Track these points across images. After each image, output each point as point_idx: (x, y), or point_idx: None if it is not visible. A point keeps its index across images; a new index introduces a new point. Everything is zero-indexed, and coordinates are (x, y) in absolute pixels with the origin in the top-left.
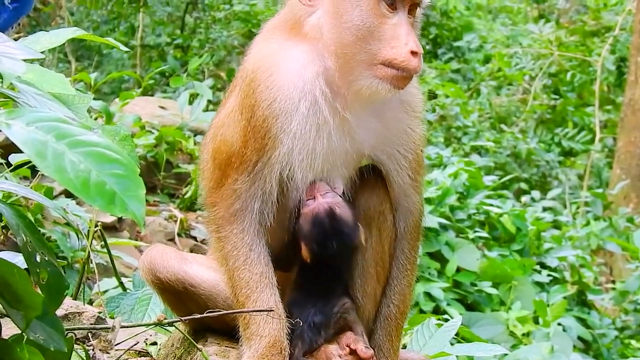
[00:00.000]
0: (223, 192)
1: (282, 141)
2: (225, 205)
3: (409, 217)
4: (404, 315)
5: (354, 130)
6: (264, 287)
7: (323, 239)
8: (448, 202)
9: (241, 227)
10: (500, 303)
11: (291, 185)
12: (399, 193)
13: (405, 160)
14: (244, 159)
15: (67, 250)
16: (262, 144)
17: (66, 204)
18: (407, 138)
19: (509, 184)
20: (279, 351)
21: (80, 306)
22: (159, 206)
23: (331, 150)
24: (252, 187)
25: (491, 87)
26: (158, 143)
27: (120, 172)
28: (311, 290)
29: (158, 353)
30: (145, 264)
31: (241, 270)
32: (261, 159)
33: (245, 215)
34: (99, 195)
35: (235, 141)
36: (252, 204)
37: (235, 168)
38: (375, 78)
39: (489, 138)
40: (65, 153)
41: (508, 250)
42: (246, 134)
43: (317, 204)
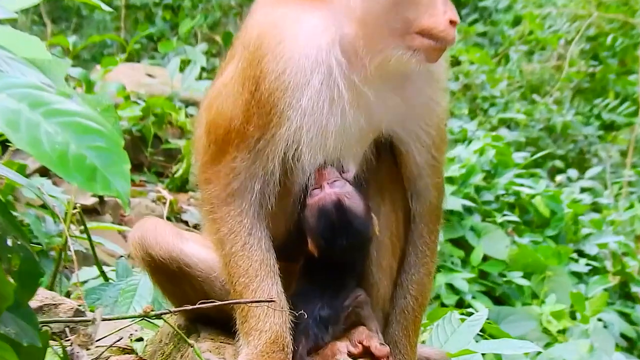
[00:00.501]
0: (220, 169)
1: (290, 118)
2: (222, 184)
3: (428, 198)
4: (422, 307)
5: (372, 105)
6: (264, 276)
7: (331, 234)
8: (473, 182)
9: (239, 208)
10: (533, 296)
11: (297, 166)
12: (418, 173)
13: (427, 136)
14: (245, 135)
15: (42, 236)
16: (266, 121)
17: (41, 183)
18: (429, 112)
19: (542, 162)
20: (280, 348)
21: (56, 297)
22: (146, 186)
23: (344, 128)
24: (252, 166)
25: (522, 52)
26: (145, 115)
27: (102, 144)
28: (319, 282)
29: (144, 350)
30: (136, 238)
31: (239, 257)
32: (264, 136)
33: (244, 196)
34: (78, 170)
35: (235, 116)
36: (252, 184)
37: (234, 145)
38: (409, 49)
39: (520, 110)
40: (41, 123)
41: (541, 236)
42: (249, 109)
43: (324, 195)
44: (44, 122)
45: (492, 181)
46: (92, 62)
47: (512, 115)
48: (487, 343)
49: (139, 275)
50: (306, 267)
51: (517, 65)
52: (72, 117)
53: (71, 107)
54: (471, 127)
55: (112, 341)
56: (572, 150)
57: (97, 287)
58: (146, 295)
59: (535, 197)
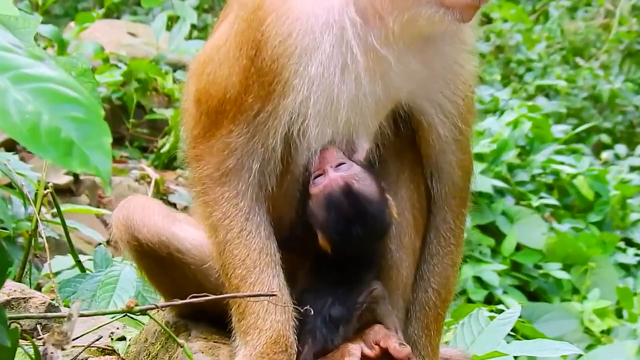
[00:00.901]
0: (213, 144)
1: (296, 87)
2: (215, 162)
3: (451, 178)
4: (445, 303)
5: (390, 72)
6: (264, 267)
7: (344, 225)
8: (505, 159)
9: (235, 190)
10: (573, 291)
11: (302, 143)
12: (440, 148)
13: (452, 106)
14: (242, 107)
15: (9, 220)
16: (268, 90)
17: (7, 159)
18: (454, 78)
19: (586, 136)
20: (283, 349)
21: (26, 290)
22: (128, 163)
23: (358, 98)
24: (250, 142)
25: (564, 8)
26: (126, 81)
27: (79, 115)
28: (330, 276)
29: (127, 350)
30: (120, 219)
31: (235, 245)
32: (265, 108)
33: (241, 176)
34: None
35: (231, 85)
36: (249, 162)
37: (230, 117)
38: (441, 6)
39: (560, 75)
40: (9, 90)
41: (584, 223)
42: (247, 77)
43: (329, 181)
44: (12, 88)
45: (527, 158)
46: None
47: (552, 82)
48: (519, 344)
49: (120, 265)
50: (316, 260)
51: (558, 24)
52: (45, 83)
53: (43, 71)
54: (504, 96)
55: (91, 340)
56: (620, 123)
57: (73, 279)
58: (129, 288)
59: (577, 177)
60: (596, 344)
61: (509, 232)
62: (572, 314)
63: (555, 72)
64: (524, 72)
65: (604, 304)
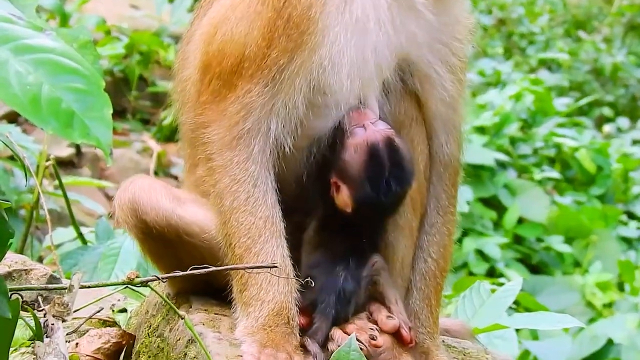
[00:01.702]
0: (227, 107)
1: (332, 36)
2: (227, 125)
3: (454, 138)
4: (444, 273)
5: (411, 21)
6: (269, 236)
7: (380, 178)
8: (508, 133)
9: (245, 154)
10: (575, 264)
11: (330, 98)
12: (443, 108)
13: (456, 61)
14: (264, 63)
15: (11, 192)
16: (298, 42)
17: (9, 131)
18: (459, 33)
19: (588, 109)
20: (285, 320)
21: (27, 262)
22: (130, 135)
23: (381, 49)
24: (272, 100)
25: None
26: (128, 53)
27: (80, 86)
28: (340, 250)
29: (128, 322)
30: (126, 201)
31: (240, 213)
32: (293, 61)
33: (256, 139)
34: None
35: (252, 40)
36: (267, 122)
37: (247, 76)
38: None
39: (563, 49)
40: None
41: (586, 196)
42: (272, 30)
43: (372, 132)
44: (13, 59)
45: (529, 131)
46: None
47: (554, 55)
48: (520, 317)
49: (122, 238)
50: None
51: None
52: (46, 54)
53: (45, 42)
54: (506, 69)
55: (92, 312)
56: (622, 96)
57: (74, 251)
58: (130, 260)
59: (579, 150)
60: (598, 317)
61: (510, 205)
62: (574, 287)
63: (558, 45)
64: (526, 45)
65: (606, 277)
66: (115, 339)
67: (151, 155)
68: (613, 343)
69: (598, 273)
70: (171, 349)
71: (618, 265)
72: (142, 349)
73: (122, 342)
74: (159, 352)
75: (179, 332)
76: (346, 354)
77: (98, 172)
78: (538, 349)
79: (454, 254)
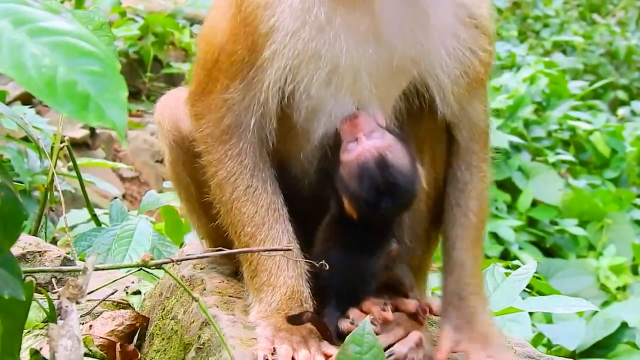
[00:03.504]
0: (211, 102)
1: (275, 41)
2: (214, 119)
3: (475, 124)
4: (484, 224)
5: (380, 29)
6: (272, 223)
7: (374, 196)
8: (522, 115)
9: (237, 147)
10: (589, 247)
11: (303, 102)
12: (455, 109)
13: (468, 55)
14: (234, 58)
15: (25, 174)
16: (253, 41)
17: (23, 112)
18: (463, 24)
19: (603, 92)
20: (298, 303)
21: (41, 244)
22: (144, 117)
23: (360, 61)
24: (246, 98)
25: None
26: (143, 35)
27: (95, 68)
28: (355, 239)
29: (142, 305)
30: (165, 115)
31: (242, 202)
32: (255, 60)
33: (241, 134)
34: (68, 98)
35: (224, 34)
36: (247, 118)
37: (224, 70)
38: None
39: (577, 32)
40: (25, 44)
41: (600, 179)
42: (235, 26)
43: (363, 150)
44: (29, 42)
45: (543, 114)
46: None
47: (568, 37)
48: (535, 300)
49: (136, 219)
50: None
51: None
52: (62, 36)
53: (60, 25)
54: (521, 52)
55: (106, 294)
56: (637, 79)
57: (88, 233)
58: (144, 242)
59: (593, 134)
60: (612, 300)
61: (525, 188)
62: (588, 271)
63: (572, 29)
64: (540, 28)
65: (620, 261)
66: (129, 321)
67: None
68: (627, 326)
69: (612, 256)
70: (185, 331)
71: (632, 248)
72: (155, 331)
73: (135, 324)
74: (172, 334)
75: (193, 315)
76: (360, 336)
77: (112, 153)
78: (552, 332)
79: None
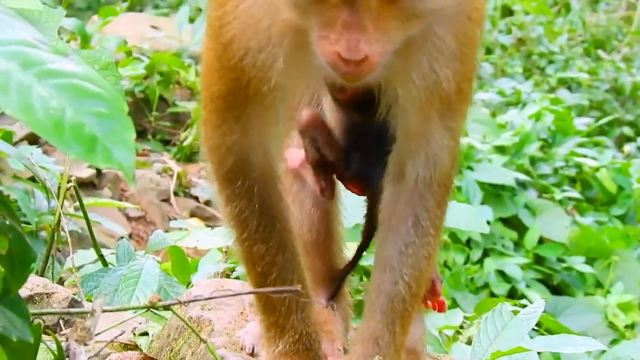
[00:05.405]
0: (214, 141)
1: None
2: (218, 159)
3: (436, 164)
4: (415, 298)
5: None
6: (283, 262)
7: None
8: (528, 152)
9: (244, 187)
10: (597, 285)
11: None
12: (419, 137)
13: (436, 87)
14: (225, 97)
15: (31, 214)
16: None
17: (30, 152)
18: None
19: (609, 129)
20: (306, 346)
21: (49, 285)
22: (150, 156)
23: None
24: (244, 138)
25: (585, 0)
26: (149, 74)
27: (103, 110)
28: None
29: (150, 346)
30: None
31: (252, 241)
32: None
33: (246, 173)
34: (76, 139)
35: (209, 73)
36: (249, 158)
37: (220, 110)
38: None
39: (582, 68)
40: (33, 86)
41: (607, 216)
42: (213, 65)
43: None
44: (37, 84)
45: (549, 151)
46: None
47: (574, 74)
48: (543, 339)
49: (143, 259)
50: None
51: (580, 16)
52: (69, 78)
53: (68, 67)
54: (526, 88)
55: (113, 336)
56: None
57: (95, 273)
58: (151, 282)
59: (599, 170)
60: (620, 338)
61: (531, 225)
62: (596, 308)
63: (577, 65)
64: (545, 64)
65: (628, 298)
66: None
67: (171, 175)
68: None
69: (620, 294)
70: None
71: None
72: None
73: None
74: None
75: (201, 356)
76: None
77: (118, 192)
78: None
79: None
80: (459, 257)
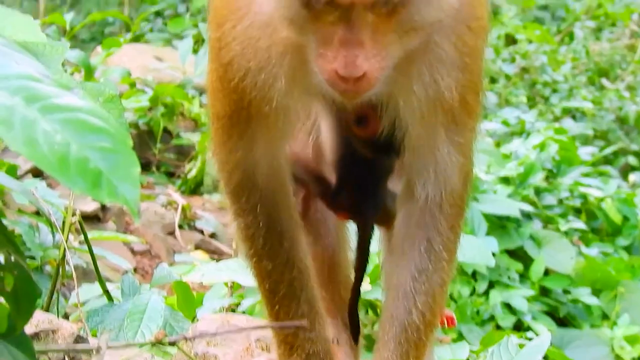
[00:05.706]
0: (222, 158)
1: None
2: (226, 176)
3: (446, 182)
4: (429, 327)
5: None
6: (291, 280)
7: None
8: (532, 183)
9: (250, 204)
10: (603, 316)
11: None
12: (425, 152)
13: (443, 103)
14: (229, 116)
15: (36, 248)
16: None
17: (34, 186)
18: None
19: (613, 158)
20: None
21: (54, 321)
22: (155, 189)
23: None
24: (249, 156)
25: (589, 29)
26: (153, 106)
27: (107, 145)
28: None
29: None
30: None
31: (260, 256)
32: (250, 120)
33: (251, 190)
34: (81, 174)
35: (212, 94)
36: (254, 175)
37: (226, 128)
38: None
39: (586, 97)
40: (37, 121)
41: (612, 247)
42: (216, 86)
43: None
44: (41, 119)
45: (554, 181)
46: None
47: (578, 103)
48: None
49: (148, 294)
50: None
51: (583, 45)
52: (73, 113)
53: (72, 101)
54: (530, 118)
55: None
56: None
57: (100, 308)
58: (156, 317)
59: (604, 201)
60: None
61: (537, 256)
62: (603, 340)
63: (581, 94)
64: (549, 93)
65: (634, 330)
66: None
67: (176, 208)
68: None
69: (626, 326)
70: None
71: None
72: None
73: None
74: None
75: None
76: None
77: (123, 226)
78: None
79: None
80: (465, 289)
